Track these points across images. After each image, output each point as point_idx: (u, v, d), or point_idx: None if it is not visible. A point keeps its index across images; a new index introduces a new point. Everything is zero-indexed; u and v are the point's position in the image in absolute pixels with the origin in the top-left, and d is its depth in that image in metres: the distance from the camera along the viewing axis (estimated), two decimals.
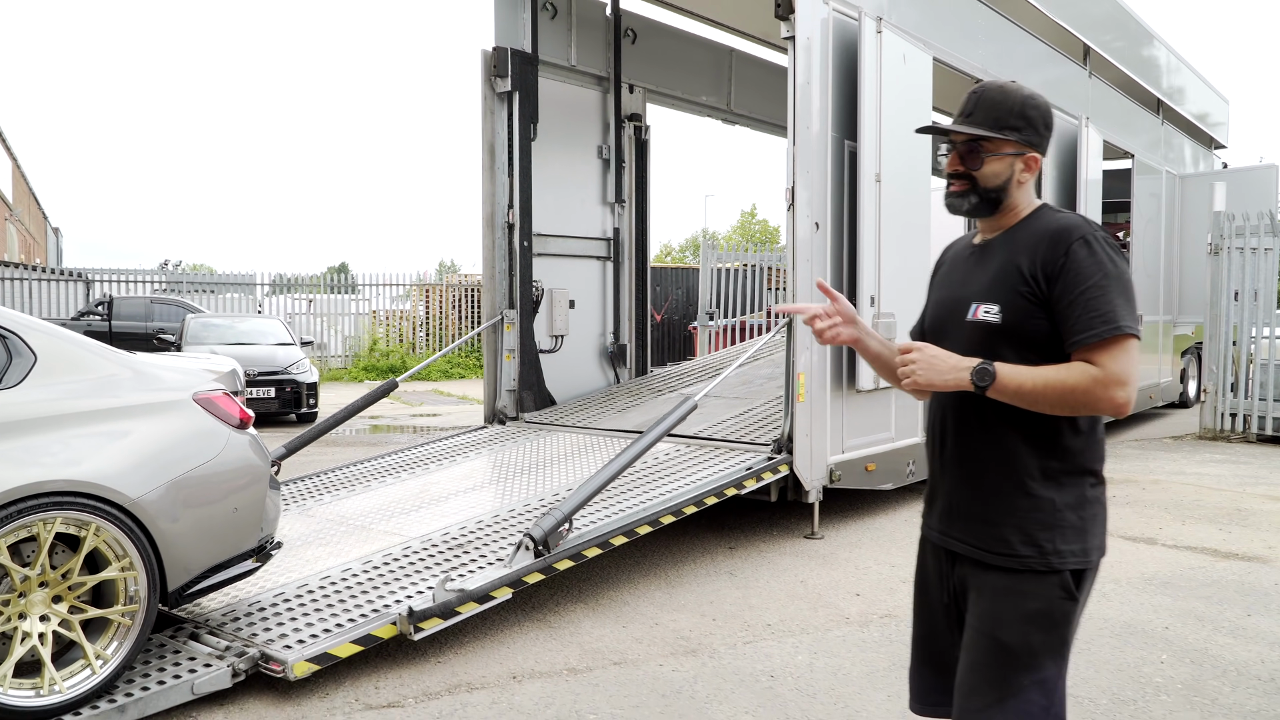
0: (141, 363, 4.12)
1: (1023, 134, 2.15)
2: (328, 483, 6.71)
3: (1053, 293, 2.02)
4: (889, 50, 6.70)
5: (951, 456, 2.20)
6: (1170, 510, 7.62)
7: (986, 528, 2.12)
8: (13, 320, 3.79)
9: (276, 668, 3.90)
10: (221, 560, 4.08)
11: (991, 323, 2.08)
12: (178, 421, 4.00)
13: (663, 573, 5.74)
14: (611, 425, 7.71)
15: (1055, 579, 2.06)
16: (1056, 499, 2.07)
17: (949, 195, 2.21)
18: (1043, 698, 2.04)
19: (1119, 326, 1.96)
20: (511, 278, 8.36)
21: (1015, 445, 2.08)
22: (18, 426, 3.57)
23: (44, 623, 3.57)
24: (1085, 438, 2.10)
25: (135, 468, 3.75)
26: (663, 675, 4.18)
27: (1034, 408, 2.01)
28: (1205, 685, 4.07)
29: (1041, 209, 2.20)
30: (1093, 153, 10.05)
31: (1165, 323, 13.04)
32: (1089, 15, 10.35)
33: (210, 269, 33.57)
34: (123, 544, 3.68)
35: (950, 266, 2.33)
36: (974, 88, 2.22)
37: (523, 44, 8.30)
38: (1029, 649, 2.04)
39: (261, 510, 4.26)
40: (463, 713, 3.79)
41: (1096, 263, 2.00)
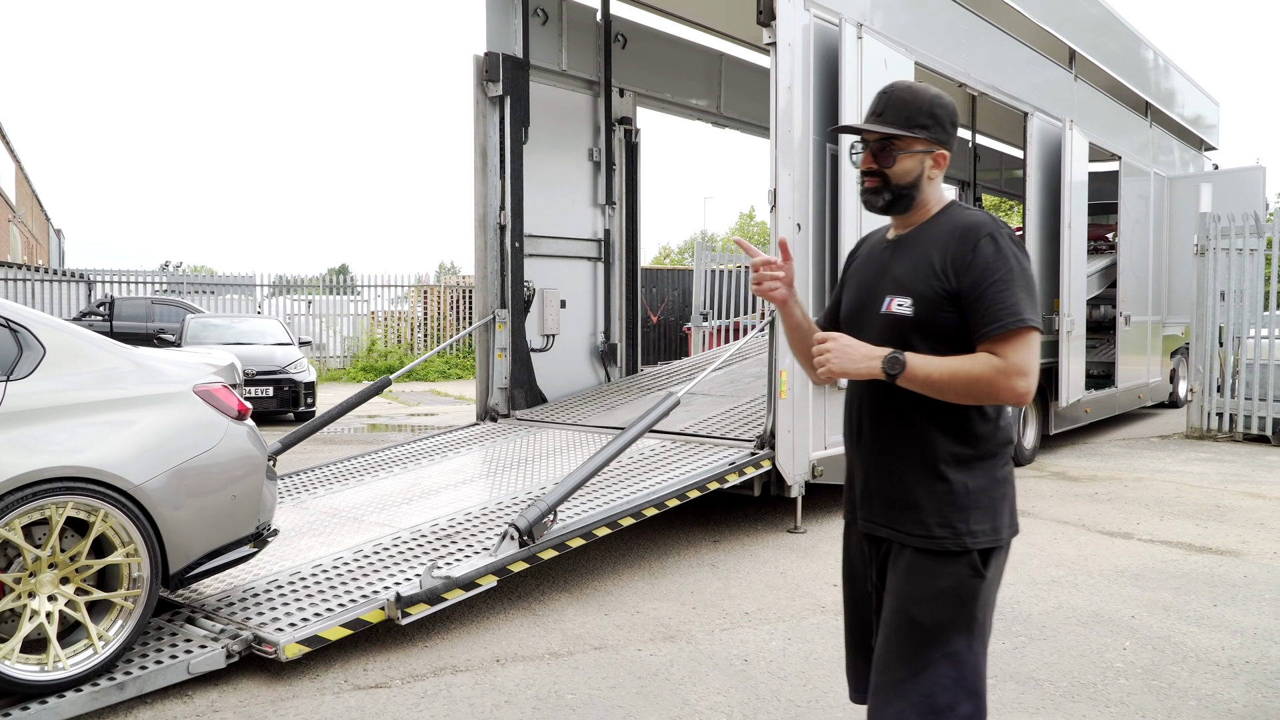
0: (143, 356, 4.31)
1: (931, 132, 2.24)
2: (322, 477, 6.87)
3: (961, 287, 2.13)
4: (870, 55, 6.86)
5: (868, 444, 2.29)
6: (1150, 506, 7.77)
7: (904, 511, 2.21)
8: (23, 314, 3.97)
9: (269, 649, 4.06)
10: (220, 545, 4.25)
11: (904, 315, 2.18)
12: (179, 412, 4.18)
13: (647, 564, 5.90)
14: (600, 422, 7.87)
15: (966, 558, 2.16)
16: (969, 483, 2.17)
17: (864, 192, 2.30)
18: (953, 670, 2.13)
19: (1022, 319, 2.07)
20: (503, 278, 8.53)
21: (929, 433, 2.18)
22: (29, 415, 3.73)
23: (51, 602, 3.74)
24: (993, 425, 2.21)
25: (139, 456, 3.92)
26: (640, 659, 4.34)
27: (942, 396, 2.11)
28: (1164, 670, 4.23)
29: (951, 206, 2.30)
30: (1077, 155, 10.19)
31: (1154, 323, 13.18)
32: (1075, 20, 10.50)
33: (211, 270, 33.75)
34: (128, 530, 3.85)
35: (864, 260, 2.41)
36: (884, 88, 2.31)
37: (514, 49, 8.47)
38: (938, 624, 2.14)
39: (259, 498, 4.43)
40: (447, 693, 3.95)
41: (1001, 259, 2.11)
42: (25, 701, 3.59)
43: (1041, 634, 4.68)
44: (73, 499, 3.71)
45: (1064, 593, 5.37)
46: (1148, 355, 13.08)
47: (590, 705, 3.84)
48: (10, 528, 3.59)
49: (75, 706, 3.64)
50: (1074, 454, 10.72)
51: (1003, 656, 4.36)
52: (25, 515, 3.62)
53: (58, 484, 3.67)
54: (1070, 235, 10.02)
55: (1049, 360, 10.12)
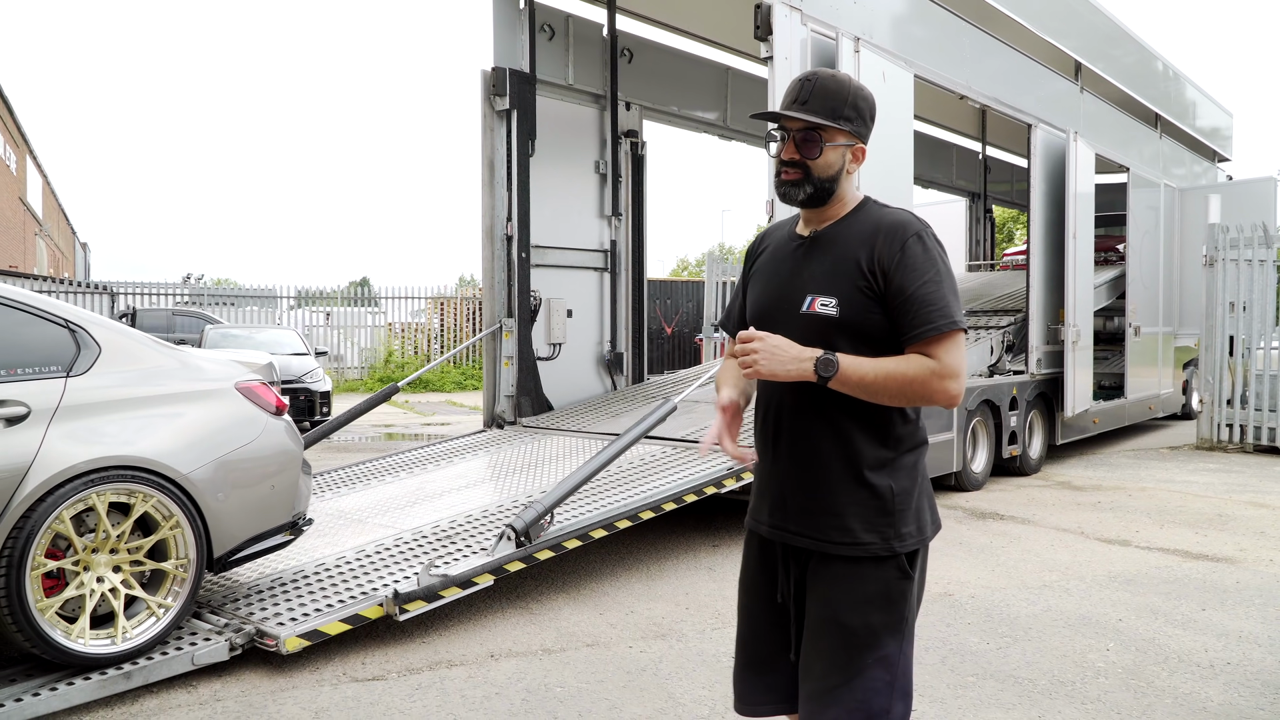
0: (189, 355, 4.61)
1: (854, 125, 2.17)
2: (329, 481, 7.03)
3: (889, 287, 2.07)
4: (868, 69, 6.98)
5: (787, 451, 2.19)
6: (1151, 515, 7.81)
7: (829, 519, 2.13)
8: (80, 316, 4.25)
9: (270, 643, 4.21)
10: (260, 532, 4.55)
11: (829, 315, 2.09)
12: (222, 407, 4.48)
13: (644, 567, 6.01)
14: (605, 429, 7.99)
15: (894, 561, 2.12)
16: (894, 486, 2.13)
17: (783, 184, 2.19)
18: (885, 673, 2.11)
19: (953, 321, 2.04)
20: (510, 288, 8.69)
21: (853, 437, 2.11)
22: (87, 409, 4.01)
23: (108, 580, 4.03)
24: (913, 425, 2.18)
25: (186, 447, 4.22)
26: (631, 656, 4.46)
27: (873, 398, 2.05)
28: (1144, 670, 4.30)
29: (867, 202, 2.23)
30: (1083, 166, 10.26)
31: (1165, 334, 13.18)
32: (1081, 33, 10.58)
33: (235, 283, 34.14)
34: (169, 506, 4.12)
35: (772, 257, 2.30)
36: (805, 74, 2.19)
37: (521, 64, 8.66)
38: (870, 629, 2.10)
39: (295, 489, 4.74)
40: (441, 686, 4.08)
41: (930, 259, 2.07)
42: (38, 688, 3.75)
43: (1026, 635, 4.76)
44: (114, 485, 3.97)
45: (1054, 597, 5.44)
46: (1159, 366, 13.09)
47: (577, 697, 3.96)
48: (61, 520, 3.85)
49: (85, 693, 3.79)
50: (1081, 464, 10.75)
51: (985, 655, 4.45)
52: (84, 501, 3.90)
53: (111, 472, 3.95)
54: (1075, 246, 10.09)
55: (1055, 370, 10.18)
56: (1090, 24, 10.83)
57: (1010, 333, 10.49)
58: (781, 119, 2.17)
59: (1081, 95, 10.68)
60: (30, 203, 29.21)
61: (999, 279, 14.56)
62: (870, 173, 7.02)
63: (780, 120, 2.18)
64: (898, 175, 7.60)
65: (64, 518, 3.84)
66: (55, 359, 4.04)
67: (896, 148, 7.57)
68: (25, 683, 3.81)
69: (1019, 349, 10.30)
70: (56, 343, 4.08)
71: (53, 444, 3.84)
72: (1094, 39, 10.90)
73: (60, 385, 3.98)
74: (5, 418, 3.79)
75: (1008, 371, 9.94)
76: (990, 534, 7.07)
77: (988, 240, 17.31)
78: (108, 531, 3.99)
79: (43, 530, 3.79)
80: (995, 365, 10.00)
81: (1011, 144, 16.29)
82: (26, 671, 3.91)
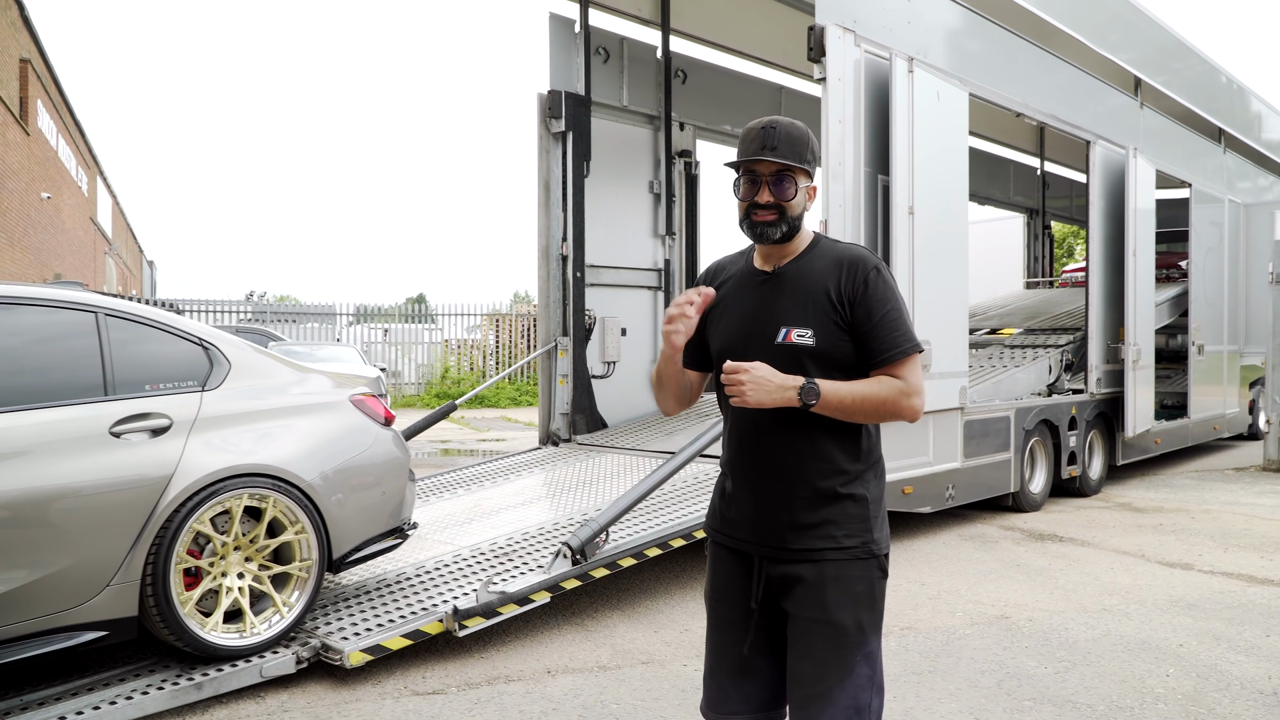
0: (308, 369, 4.88)
1: (812, 166, 2.35)
2: None
3: (854, 316, 2.27)
4: (921, 88, 6.99)
5: (766, 468, 2.33)
6: (1215, 538, 7.66)
7: (811, 529, 2.29)
8: (213, 334, 4.58)
9: (335, 656, 4.33)
10: (373, 535, 4.84)
11: (805, 345, 2.27)
12: (338, 418, 4.79)
13: (697, 585, 6.05)
14: (659, 447, 8.06)
15: (874, 562, 2.32)
16: (868, 495, 2.33)
17: (757, 225, 2.32)
18: (869, 668, 2.29)
19: (915, 345, 2.29)
20: (565, 306, 8.81)
21: (830, 453, 2.29)
22: (220, 420, 4.32)
23: (240, 579, 4.35)
24: (875, 439, 2.39)
25: (308, 455, 4.52)
26: (686, 674, 4.50)
27: (848, 418, 2.25)
28: (1205, 697, 4.24)
29: (820, 238, 2.41)
30: (1143, 182, 10.13)
31: (1230, 353, 12.91)
32: (1141, 47, 10.45)
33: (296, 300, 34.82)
34: (295, 511, 4.42)
35: (736, 296, 2.41)
36: (764, 124, 2.31)
37: (576, 86, 8.80)
38: (859, 627, 2.28)
39: (403, 495, 5.04)
40: (499, 700, 4.16)
41: (889, 290, 2.29)
42: (114, 697, 3.91)
43: (1085, 660, 4.71)
44: (249, 490, 4.28)
45: (1113, 621, 5.37)
46: (1224, 385, 12.81)
47: (633, 714, 4.02)
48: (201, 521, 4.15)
49: (158, 703, 3.94)
50: (1142, 485, 10.56)
51: (1042, 680, 4.42)
52: (218, 505, 4.19)
53: (243, 479, 4.26)
54: (1135, 263, 9.95)
55: (1115, 390, 10.04)
56: (1149, 38, 10.69)
57: (1069, 351, 10.36)
58: (760, 163, 2.30)
59: (1141, 110, 10.54)
60: (100, 222, 30.11)
61: (1057, 296, 14.38)
62: (925, 191, 7.07)
63: (756, 164, 2.31)
64: (953, 193, 7.58)
65: (204, 519, 4.15)
66: (192, 374, 4.36)
67: (952, 166, 7.56)
68: (102, 691, 3.97)
69: (1078, 368, 10.17)
70: (192, 359, 4.41)
71: (192, 453, 4.15)
72: (1154, 53, 10.76)
73: (197, 399, 4.30)
74: (151, 429, 4.09)
75: (1067, 391, 9.82)
76: (1048, 556, 6.99)
77: (1046, 257, 17.10)
78: (239, 534, 4.29)
79: (185, 531, 4.08)
80: (1054, 384, 9.89)
81: (1070, 159, 16.09)
82: (104, 681, 4.08)
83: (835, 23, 6.37)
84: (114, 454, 3.97)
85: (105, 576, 3.90)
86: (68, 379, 4.03)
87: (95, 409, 4.01)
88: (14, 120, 16.79)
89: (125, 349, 4.21)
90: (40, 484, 3.76)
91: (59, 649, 3.81)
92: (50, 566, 3.76)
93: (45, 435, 3.84)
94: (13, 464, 3.72)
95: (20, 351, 4.00)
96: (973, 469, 7.97)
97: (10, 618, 3.69)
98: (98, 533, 3.88)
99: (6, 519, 3.68)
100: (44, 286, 4.31)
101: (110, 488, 3.92)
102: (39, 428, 3.84)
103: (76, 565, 3.82)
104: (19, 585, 3.69)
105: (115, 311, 4.26)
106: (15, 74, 17.96)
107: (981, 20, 8.00)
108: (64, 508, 3.82)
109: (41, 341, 4.07)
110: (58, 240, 21.55)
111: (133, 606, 3.99)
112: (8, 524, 3.68)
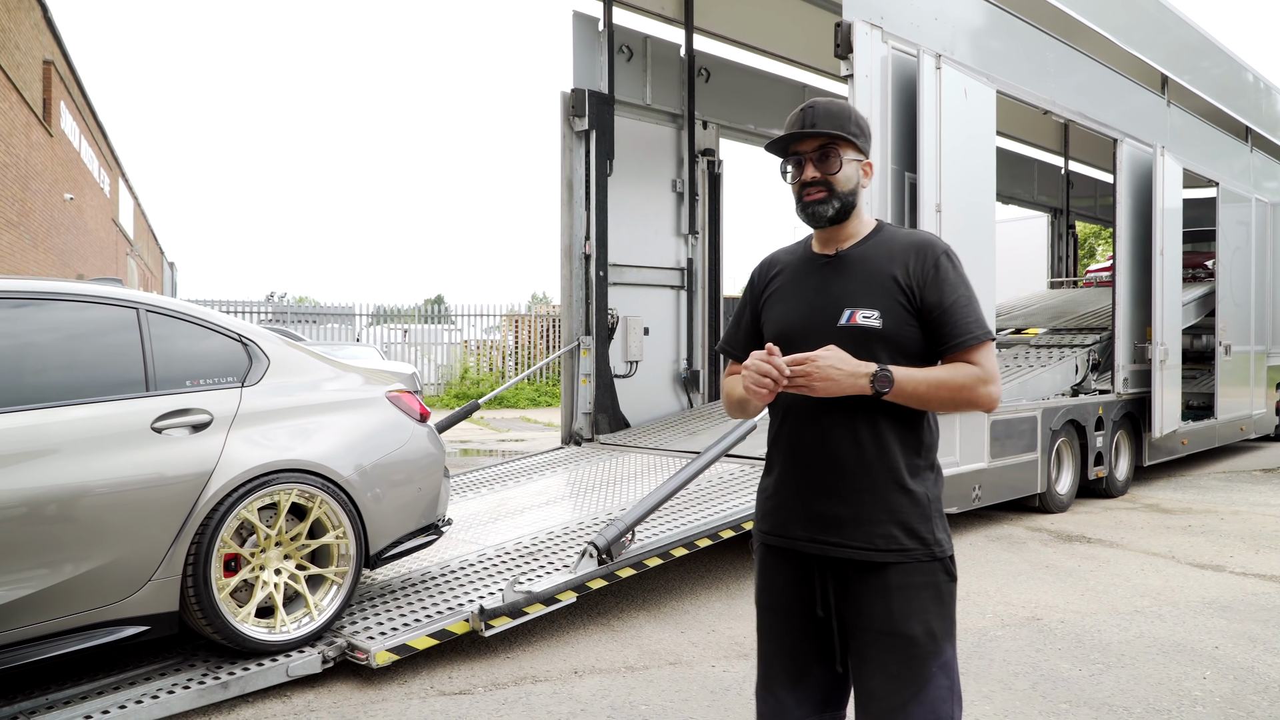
0: (344, 366, 4.88)
1: (860, 140, 2.25)
2: None
3: (924, 302, 2.16)
4: (949, 85, 6.92)
5: (822, 462, 2.20)
6: (1246, 540, 7.56)
7: (870, 527, 2.16)
8: (252, 331, 4.58)
9: (361, 656, 4.31)
10: (409, 531, 4.85)
11: (872, 327, 2.15)
12: (375, 415, 4.80)
13: (724, 585, 6.01)
14: (682, 447, 8.01)
15: (939, 565, 2.19)
16: (928, 492, 2.20)
17: (811, 204, 2.23)
18: (946, 679, 2.15)
19: (988, 331, 2.17)
20: (588, 306, 8.78)
21: (890, 447, 2.17)
22: (259, 416, 4.34)
23: (276, 575, 4.36)
24: (935, 435, 2.27)
25: (345, 451, 4.54)
26: (714, 675, 4.45)
27: (923, 406, 2.13)
28: (1244, 699, 4.16)
29: (884, 225, 2.32)
30: (1170, 181, 10.01)
31: (1258, 353, 12.76)
32: (1168, 45, 10.34)
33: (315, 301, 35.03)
34: (338, 514, 4.45)
35: (793, 279, 2.33)
36: (803, 106, 2.27)
37: (600, 85, 8.77)
38: (931, 635, 2.15)
39: (438, 492, 5.05)
40: (526, 701, 4.13)
41: (960, 276, 2.20)
42: (141, 695, 3.90)
43: (1120, 662, 4.64)
44: (297, 487, 4.33)
45: (1146, 622, 5.29)
46: (1250, 386, 12.66)
47: (663, 715, 3.98)
48: (249, 509, 4.20)
49: (185, 701, 3.92)
50: (1169, 486, 10.44)
51: (1078, 682, 4.35)
52: (258, 500, 4.22)
53: (284, 474, 4.28)
54: (1163, 263, 9.84)
55: (1142, 390, 9.92)
56: (1177, 36, 10.58)
57: (1095, 351, 10.25)
58: (800, 138, 2.24)
59: (1169, 109, 10.43)
60: (122, 223, 30.32)
61: (1082, 296, 14.25)
62: (953, 189, 6.99)
63: (795, 142, 2.25)
64: (980, 192, 7.51)
65: (252, 508, 4.19)
66: (231, 370, 4.38)
67: (979, 164, 7.48)
68: (128, 690, 3.95)
69: (1104, 368, 10.06)
70: (232, 355, 4.43)
71: (233, 449, 4.17)
72: (1181, 51, 10.65)
73: (237, 395, 4.32)
74: (192, 424, 4.12)
75: (1093, 391, 9.72)
76: (1077, 557, 6.90)
77: (1070, 256, 16.96)
78: (282, 528, 4.32)
79: (225, 524, 4.10)
80: (1080, 384, 9.79)
81: (1095, 158, 15.96)
82: (129, 680, 4.06)
83: (863, 19, 6.32)
84: (156, 449, 4.00)
85: (147, 571, 3.93)
86: (110, 375, 4.06)
87: (138, 404, 4.03)
88: (38, 122, 16.91)
89: (166, 345, 4.22)
90: (85, 479, 3.79)
91: (102, 644, 3.83)
92: (94, 561, 3.78)
93: (90, 430, 3.87)
94: (58, 459, 3.75)
95: (65, 347, 4.04)
96: (999, 469, 7.89)
97: (55, 612, 3.72)
98: (141, 528, 3.91)
99: (53, 514, 3.71)
100: (87, 282, 4.31)
101: (153, 483, 3.96)
102: (84, 423, 3.87)
103: (120, 560, 3.85)
104: (64, 580, 3.71)
105: (156, 307, 4.28)
106: (39, 76, 18.08)
107: (1008, 16, 7.93)
108: (108, 503, 3.84)
109: (85, 337, 4.11)
110: (80, 241, 21.69)
111: (174, 601, 4.01)
112: (54, 519, 3.72)
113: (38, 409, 3.78)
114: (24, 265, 15.70)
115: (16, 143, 15.21)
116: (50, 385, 3.88)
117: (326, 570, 4.47)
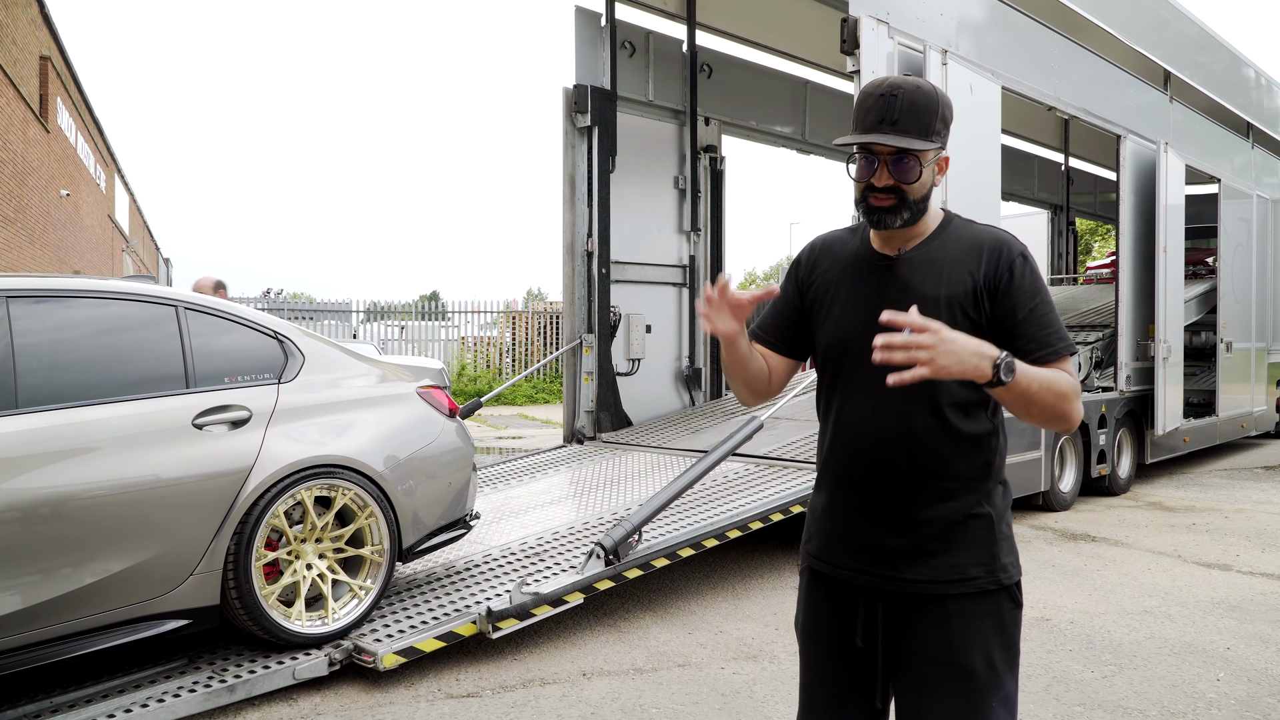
0: (375, 362, 4.91)
1: (942, 137, 2.00)
2: None
3: (997, 311, 1.96)
4: (955, 81, 6.88)
5: (878, 482, 2.01)
6: (1251, 538, 7.53)
7: (930, 557, 1.99)
8: (286, 328, 4.63)
9: (368, 658, 4.26)
10: (440, 525, 4.90)
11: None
12: (407, 410, 4.85)
13: (730, 586, 5.97)
14: (685, 445, 7.97)
15: (1004, 593, 2.01)
16: (995, 515, 2.02)
17: (875, 210, 1.99)
18: (1007, 714, 2.00)
19: (1071, 345, 1.97)
20: (590, 303, 8.73)
21: (954, 467, 1.99)
22: (295, 412, 4.38)
23: (309, 570, 4.39)
24: (1001, 453, 2.07)
25: (379, 446, 4.59)
26: (724, 677, 4.41)
27: (1024, 408, 1.89)
28: (1259, 702, 4.14)
29: (952, 217, 2.09)
30: (1173, 177, 9.98)
31: (1259, 350, 12.74)
32: (1171, 41, 10.30)
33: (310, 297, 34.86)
34: (364, 497, 4.48)
35: (850, 279, 2.10)
36: (887, 87, 1.96)
37: (602, 81, 8.72)
38: (993, 668, 1.98)
39: (468, 486, 5.09)
40: (535, 704, 4.09)
41: (1038, 281, 1.99)
42: (146, 699, 3.85)
43: (1132, 663, 4.61)
44: (334, 481, 4.38)
45: (1156, 623, 5.26)
46: (1251, 383, 12.65)
47: (674, 718, 3.93)
48: (296, 498, 4.26)
49: (190, 706, 3.87)
50: (1172, 484, 10.42)
51: (1090, 684, 4.32)
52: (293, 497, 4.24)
53: (317, 469, 4.32)
54: (1166, 260, 9.81)
55: (1144, 387, 9.90)
56: (1179, 32, 10.54)
57: (1098, 348, 10.23)
58: (872, 144, 1.96)
59: (1171, 105, 10.39)
60: (118, 220, 30.18)
61: (1082, 293, 14.23)
62: (958, 187, 6.94)
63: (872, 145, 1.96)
64: (985, 189, 7.47)
65: (278, 512, 4.19)
66: (268, 367, 4.43)
67: (984, 161, 7.44)
68: (134, 694, 3.91)
69: (1107, 365, 10.03)
70: (268, 352, 4.46)
71: (271, 444, 4.22)
72: (1183, 47, 10.61)
73: (274, 391, 4.36)
74: (231, 421, 4.16)
75: (1096, 388, 9.69)
76: (1083, 556, 6.88)
77: (1070, 253, 16.93)
78: (314, 523, 4.34)
79: (265, 521, 4.14)
80: (1083, 382, 9.76)
81: (1095, 155, 15.93)
82: (135, 683, 4.02)
83: (869, 14, 6.27)
84: (197, 445, 4.04)
85: (189, 566, 3.96)
86: (151, 372, 4.10)
87: (179, 401, 4.07)
88: (34, 118, 16.80)
89: (204, 342, 4.25)
90: (129, 475, 3.83)
91: (145, 637, 3.87)
92: (138, 556, 3.82)
93: (133, 427, 3.90)
94: (103, 455, 3.79)
95: (107, 345, 4.07)
96: None
97: (101, 606, 3.76)
98: (183, 523, 3.95)
99: (100, 510, 3.74)
100: (126, 280, 4.34)
101: (195, 479, 3.99)
102: (127, 420, 3.91)
103: (163, 555, 3.88)
104: (110, 574, 3.76)
105: (194, 305, 4.30)
106: (35, 71, 17.97)
107: (1013, 12, 7.88)
108: (152, 498, 3.88)
109: (126, 335, 4.14)
110: (77, 237, 21.58)
111: (215, 595, 4.04)
112: (101, 514, 3.75)
113: (83, 406, 3.83)
114: (20, 261, 15.61)
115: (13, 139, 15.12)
116: (96, 382, 3.92)
117: (364, 550, 4.50)
